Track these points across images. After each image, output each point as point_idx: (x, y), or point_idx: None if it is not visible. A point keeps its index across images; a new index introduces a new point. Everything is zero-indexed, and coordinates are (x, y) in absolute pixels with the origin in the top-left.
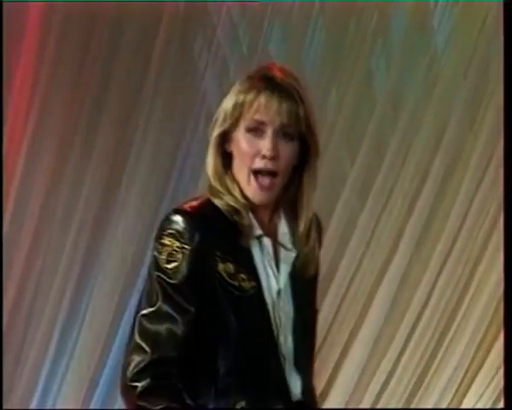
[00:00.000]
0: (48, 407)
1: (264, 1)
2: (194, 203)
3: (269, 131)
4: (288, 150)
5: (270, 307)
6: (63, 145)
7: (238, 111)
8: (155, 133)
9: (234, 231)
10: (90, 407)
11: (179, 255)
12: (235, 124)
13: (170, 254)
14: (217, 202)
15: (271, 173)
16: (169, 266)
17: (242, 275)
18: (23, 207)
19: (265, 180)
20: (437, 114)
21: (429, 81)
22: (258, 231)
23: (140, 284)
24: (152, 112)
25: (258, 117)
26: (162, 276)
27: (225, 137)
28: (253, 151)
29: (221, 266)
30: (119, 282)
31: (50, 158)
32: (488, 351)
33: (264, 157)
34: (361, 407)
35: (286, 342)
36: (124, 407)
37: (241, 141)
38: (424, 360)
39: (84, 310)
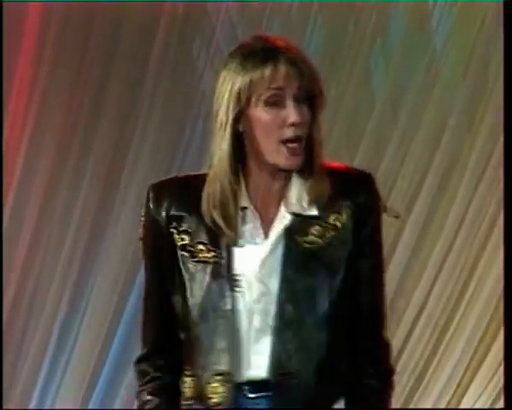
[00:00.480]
0: (47, 407)
1: (263, 0)
2: (174, 176)
3: (288, 99)
4: (306, 113)
5: (241, 277)
6: (62, 144)
7: (253, 88)
8: (154, 133)
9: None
10: (89, 406)
11: (142, 227)
12: (247, 102)
13: (140, 227)
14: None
15: (299, 139)
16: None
17: (201, 246)
18: (22, 206)
19: (296, 147)
20: (436, 113)
21: (428, 81)
22: (243, 204)
23: (139, 282)
24: (151, 112)
25: (274, 85)
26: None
27: (237, 119)
28: (278, 122)
29: (176, 237)
30: (119, 281)
31: (49, 157)
32: (488, 349)
33: (291, 125)
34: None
35: (264, 314)
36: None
37: (262, 115)
38: (423, 358)
39: (84, 309)
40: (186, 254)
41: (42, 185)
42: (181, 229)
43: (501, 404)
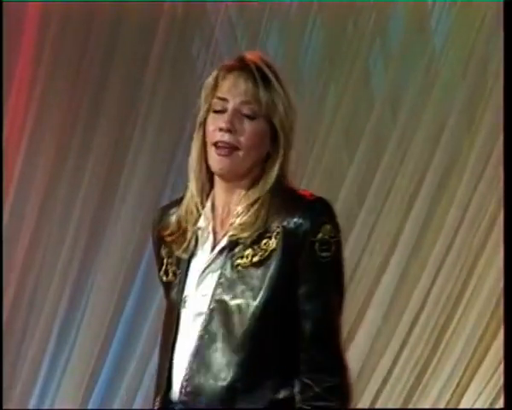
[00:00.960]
0: (46, 407)
1: (262, 0)
2: (177, 199)
3: (230, 108)
4: (249, 127)
5: (187, 298)
6: (62, 143)
7: (210, 96)
8: (154, 132)
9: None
10: (89, 406)
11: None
12: (208, 111)
13: None
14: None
15: (230, 146)
16: None
17: (169, 266)
18: (22, 204)
19: (223, 150)
20: (435, 113)
21: (428, 81)
22: (199, 224)
23: (139, 281)
24: (150, 111)
25: (220, 95)
26: None
27: (204, 130)
28: (215, 127)
29: (163, 251)
30: (119, 280)
31: (49, 155)
32: (487, 349)
33: (221, 130)
34: (359, 406)
35: (193, 336)
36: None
37: (209, 122)
38: (423, 357)
39: (83, 308)
40: (163, 276)
41: (42, 184)
42: (165, 251)
43: (501, 403)
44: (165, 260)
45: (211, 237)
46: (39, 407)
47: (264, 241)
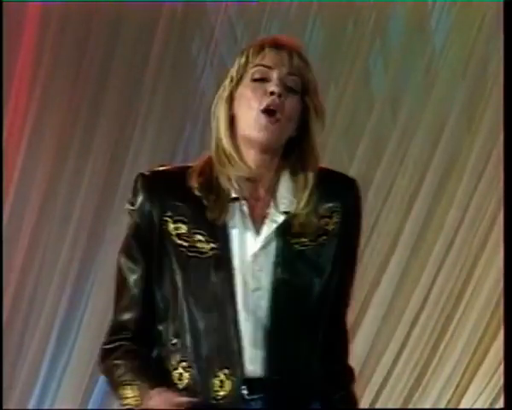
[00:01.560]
0: (46, 407)
1: (262, 0)
2: (163, 168)
3: (274, 75)
4: (290, 101)
5: (237, 270)
6: (62, 143)
7: (243, 66)
8: (153, 132)
9: (198, 197)
10: (89, 406)
11: (130, 218)
12: (239, 82)
13: (129, 217)
14: (219, 167)
15: (279, 112)
16: (127, 228)
17: (199, 236)
18: (22, 204)
19: (272, 117)
20: (435, 113)
21: (427, 81)
22: (233, 195)
23: None
24: (150, 111)
25: (264, 62)
26: (124, 238)
27: (230, 101)
28: (260, 93)
29: (171, 227)
30: None
31: (49, 155)
32: (487, 349)
33: (271, 93)
34: (359, 406)
35: (256, 308)
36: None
37: (247, 90)
38: (423, 358)
39: (83, 308)
40: (183, 243)
41: (41, 184)
42: (176, 218)
43: (500, 404)
44: (177, 226)
45: (247, 207)
46: (39, 407)
47: (324, 221)
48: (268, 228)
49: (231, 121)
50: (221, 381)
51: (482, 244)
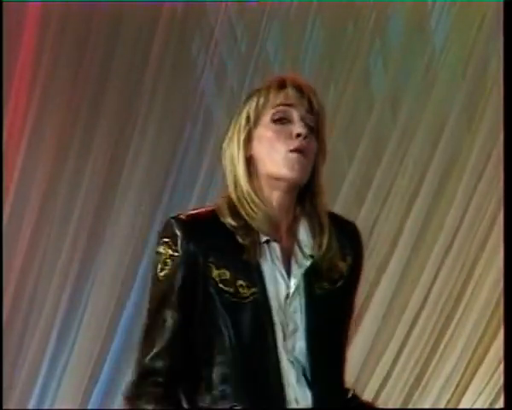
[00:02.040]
0: (46, 407)
1: (261, 1)
2: (193, 211)
3: (295, 116)
4: (311, 140)
5: (274, 313)
6: (62, 143)
7: (263, 106)
8: (153, 133)
9: (234, 238)
10: (89, 406)
11: (170, 263)
12: (256, 122)
13: (164, 262)
14: (240, 209)
15: (305, 151)
16: (161, 273)
17: (241, 281)
18: (22, 204)
19: (301, 158)
20: (435, 113)
21: (427, 81)
22: (264, 237)
23: (139, 282)
24: (150, 112)
25: (283, 100)
26: (156, 283)
27: (247, 143)
28: (285, 135)
29: (215, 273)
30: (118, 280)
31: (49, 155)
32: (487, 349)
33: (298, 136)
34: None
35: (293, 349)
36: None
37: (268, 132)
38: (423, 357)
39: (83, 308)
40: (228, 289)
41: (41, 184)
42: (219, 264)
43: (500, 404)
44: (221, 272)
45: (277, 249)
46: (39, 407)
47: (340, 264)
48: (297, 271)
49: (249, 162)
50: None
51: (482, 244)
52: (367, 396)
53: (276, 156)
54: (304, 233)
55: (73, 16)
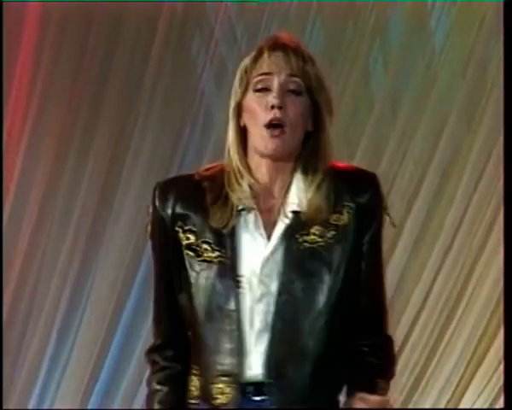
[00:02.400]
0: (46, 407)
1: (261, 1)
2: (179, 175)
3: (275, 84)
4: (295, 104)
5: (244, 278)
6: (62, 143)
7: (245, 76)
8: (153, 132)
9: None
10: (89, 406)
11: (149, 228)
12: (245, 93)
13: (146, 227)
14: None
15: (282, 125)
16: (148, 238)
17: (206, 245)
18: (22, 204)
19: (276, 130)
20: (435, 113)
21: (427, 81)
22: (240, 206)
23: (139, 282)
24: (150, 111)
25: (263, 69)
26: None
27: (239, 111)
28: (263, 107)
29: (182, 236)
30: (118, 279)
31: (49, 155)
32: (487, 349)
33: (272, 108)
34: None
35: (260, 315)
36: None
37: (251, 102)
38: (423, 357)
39: (83, 308)
40: (191, 253)
41: (41, 184)
42: (186, 228)
43: (500, 404)
44: (187, 237)
45: (257, 216)
46: (39, 407)
47: (335, 217)
48: (277, 232)
49: (243, 131)
50: (221, 388)
51: (482, 244)
52: None
53: (255, 131)
54: (295, 191)
55: (73, 16)
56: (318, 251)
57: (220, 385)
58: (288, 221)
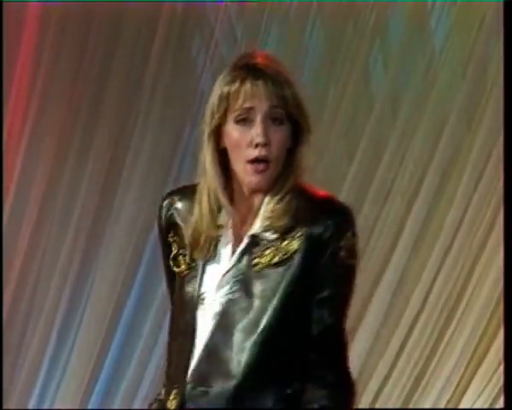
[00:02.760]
0: (46, 407)
1: (262, 1)
2: (186, 185)
3: (258, 118)
4: (278, 135)
5: (206, 289)
6: (62, 143)
7: (224, 104)
8: (153, 132)
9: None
10: (89, 406)
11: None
12: (223, 118)
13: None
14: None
15: (265, 160)
16: None
17: (181, 257)
18: (22, 204)
19: (261, 166)
20: (435, 113)
21: (427, 81)
22: (220, 232)
23: (139, 281)
24: (150, 111)
25: (245, 104)
26: None
27: (218, 134)
28: (246, 141)
29: (171, 238)
30: (118, 279)
31: (49, 155)
32: (487, 349)
33: (256, 145)
34: (359, 406)
35: (205, 335)
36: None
37: (232, 133)
38: (423, 357)
39: (83, 308)
40: (172, 264)
41: (41, 184)
42: (174, 238)
43: (500, 404)
44: (174, 247)
45: (231, 240)
46: (39, 407)
47: (286, 241)
48: (237, 251)
49: (222, 153)
50: (172, 399)
51: (482, 244)
52: (367, 396)
53: (237, 164)
54: (261, 217)
55: (73, 16)
56: (267, 273)
57: (172, 398)
58: (247, 241)
